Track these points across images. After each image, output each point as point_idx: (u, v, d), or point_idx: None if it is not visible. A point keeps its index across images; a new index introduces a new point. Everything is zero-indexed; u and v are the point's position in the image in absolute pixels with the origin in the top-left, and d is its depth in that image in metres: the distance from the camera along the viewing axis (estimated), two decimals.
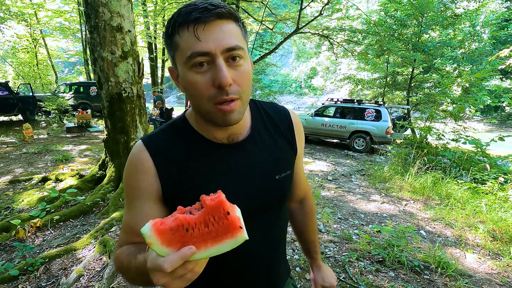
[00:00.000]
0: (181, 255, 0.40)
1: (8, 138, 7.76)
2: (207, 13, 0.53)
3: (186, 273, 0.42)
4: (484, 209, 3.42)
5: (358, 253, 2.62)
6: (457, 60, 11.99)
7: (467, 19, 10.95)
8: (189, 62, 0.55)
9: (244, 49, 0.58)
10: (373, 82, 12.60)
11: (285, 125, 0.78)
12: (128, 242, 0.66)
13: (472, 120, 9.54)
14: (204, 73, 0.55)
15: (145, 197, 0.64)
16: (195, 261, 0.43)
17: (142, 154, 0.65)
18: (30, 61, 16.60)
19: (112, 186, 3.61)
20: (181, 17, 0.55)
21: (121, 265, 0.61)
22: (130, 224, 0.66)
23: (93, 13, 3.22)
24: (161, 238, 0.42)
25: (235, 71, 0.57)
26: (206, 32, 0.54)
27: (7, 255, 2.48)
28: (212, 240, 0.43)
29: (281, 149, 0.75)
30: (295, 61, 42.75)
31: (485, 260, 2.61)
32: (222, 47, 0.54)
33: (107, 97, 3.46)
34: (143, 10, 13.52)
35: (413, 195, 4.24)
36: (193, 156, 0.66)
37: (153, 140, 0.67)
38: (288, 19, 10.43)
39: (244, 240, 0.44)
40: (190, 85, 0.57)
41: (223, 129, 0.66)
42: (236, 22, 0.58)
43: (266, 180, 0.71)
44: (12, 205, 3.43)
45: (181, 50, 0.56)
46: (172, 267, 0.40)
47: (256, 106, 0.77)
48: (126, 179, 0.67)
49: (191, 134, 0.68)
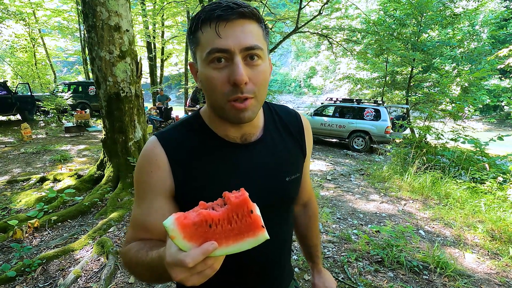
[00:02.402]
0: (203, 250, 0.40)
1: (7, 138, 7.73)
2: (230, 11, 0.54)
3: (205, 269, 0.42)
4: (483, 208, 3.42)
5: (357, 253, 2.61)
6: (456, 60, 11.96)
7: (466, 18, 10.95)
8: (208, 57, 0.56)
9: (263, 50, 0.58)
10: (372, 82, 12.58)
11: (296, 128, 0.79)
12: (136, 238, 0.66)
13: (471, 120, 9.54)
14: (221, 69, 0.56)
15: (157, 193, 0.64)
16: (215, 257, 0.43)
17: (156, 149, 0.65)
18: (28, 60, 16.52)
19: (110, 186, 3.60)
20: (204, 14, 0.56)
21: (129, 261, 0.61)
22: (139, 220, 0.66)
23: (90, 12, 3.21)
24: (184, 232, 0.42)
25: (252, 71, 0.57)
26: (227, 30, 0.55)
27: (4, 256, 2.46)
28: (234, 237, 0.43)
29: (292, 152, 0.76)
30: (294, 60, 42.74)
31: (484, 260, 2.61)
32: (241, 45, 0.55)
33: (105, 96, 3.44)
34: (142, 10, 13.46)
35: (412, 194, 4.24)
36: (205, 153, 0.66)
37: (166, 136, 0.67)
38: (287, 19, 10.43)
39: (265, 239, 0.44)
40: (206, 80, 0.58)
41: (236, 128, 0.67)
42: (258, 23, 0.59)
43: (277, 182, 0.71)
44: (10, 206, 3.42)
45: (201, 45, 0.57)
46: (194, 262, 0.40)
47: (269, 108, 0.78)
48: (138, 173, 0.66)
49: (204, 131, 0.68)
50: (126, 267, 0.63)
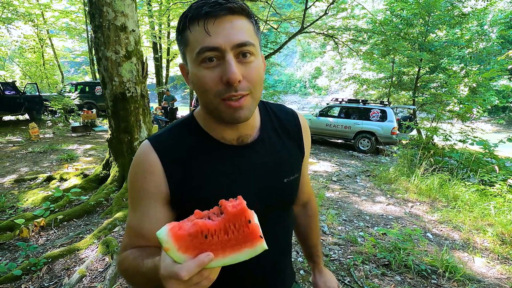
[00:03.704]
0: (199, 262, 0.39)
1: (15, 137, 7.84)
2: (218, 7, 0.52)
3: (201, 280, 0.41)
4: (493, 211, 3.35)
5: (363, 256, 2.58)
6: (465, 60, 11.77)
7: (474, 18, 10.77)
8: (198, 57, 0.54)
9: (255, 46, 0.56)
10: (378, 82, 12.47)
11: (293, 127, 0.77)
12: (133, 245, 0.64)
13: (480, 121, 9.39)
14: (212, 68, 0.54)
15: (152, 199, 0.62)
16: (211, 268, 0.41)
17: (149, 154, 0.62)
18: (37, 61, 16.78)
19: (115, 186, 3.61)
20: (192, 12, 0.53)
21: (126, 270, 0.59)
22: (135, 227, 0.64)
23: (97, 13, 3.22)
24: (178, 244, 0.40)
25: (245, 68, 0.55)
26: (216, 27, 0.52)
27: (10, 254, 2.49)
28: (231, 248, 0.42)
29: (290, 152, 0.74)
30: (300, 60, 42.61)
31: (494, 264, 2.55)
32: (232, 42, 0.52)
33: (111, 96, 3.46)
34: (148, 10, 13.55)
35: (419, 196, 4.17)
36: (200, 157, 0.64)
37: (160, 140, 0.65)
38: (292, 19, 10.38)
39: (263, 250, 0.43)
40: (198, 81, 0.56)
41: (232, 129, 0.64)
42: (248, 18, 0.57)
43: (275, 183, 0.69)
44: (17, 204, 3.45)
45: (191, 45, 0.55)
46: (189, 274, 0.38)
47: (265, 107, 0.76)
48: (131, 179, 0.64)
49: (199, 134, 0.66)
50: (124, 276, 0.61)
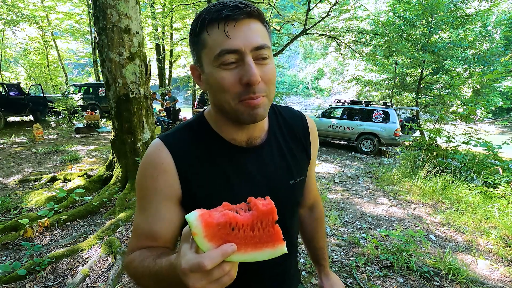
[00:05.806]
0: (222, 251, 0.39)
1: (19, 138, 7.91)
2: (238, 11, 0.53)
3: (223, 275, 0.40)
4: (496, 213, 3.33)
5: (365, 257, 2.57)
6: (468, 61, 11.71)
7: (478, 19, 10.72)
8: (218, 59, 0.54)
9: (270, 49, 0.58)
10: (381, 83, 12.43)
11: (300, 130, 0.77)
12: (140, 247, 0.63)
13: (483, 122, 9.33)
14: (232, 70, 0.55)
15: (163, 198, 0.62)
16: (232, 263, 0.41)
17: (162, 153, 0.62)
18: (41, 62, 16.96)
19: (119, 187, 3.63)
20: (210, 15, 0.54)
21: (134, 272, 0.59)
22: (143, 228, 0.63)
23: (101, 15, 3.26)
24: (206, 231, 0.40)
25: (262, 70, 0.56)
26: (236, 30, 0.54)
27: (15, 254, 2.51)
28: (254, 245, 0.42)
29: (296, 155, 0.75)
30: (302, 62, 42.63)
31: (498, 267, 2.53)
32: (251, 45, 0.54)
33: (114, 98, 3.49)
34: (151, 12, 13.64)
35: (422, 198, 4.15)
36: (211, 157, 0.65)
37: (171, 139, 0.65)
38: (295, 20, 10.40)
39: (283, 253, 0.43)
40: (216, 82, 0.56)
41: (243, 131, 0.65)
42: (262, 22, 0.59)
43: (281, 185, 0.70)
44: (21, 204, 3.48)
45: (209, 47, 0.56)
46: (212, 264, 0.38)
47: (274, 110, 0.77)
48: (141, 178, 0.64)
49: (209, 134, 0.67)
50: (132, 278, 0.61)
